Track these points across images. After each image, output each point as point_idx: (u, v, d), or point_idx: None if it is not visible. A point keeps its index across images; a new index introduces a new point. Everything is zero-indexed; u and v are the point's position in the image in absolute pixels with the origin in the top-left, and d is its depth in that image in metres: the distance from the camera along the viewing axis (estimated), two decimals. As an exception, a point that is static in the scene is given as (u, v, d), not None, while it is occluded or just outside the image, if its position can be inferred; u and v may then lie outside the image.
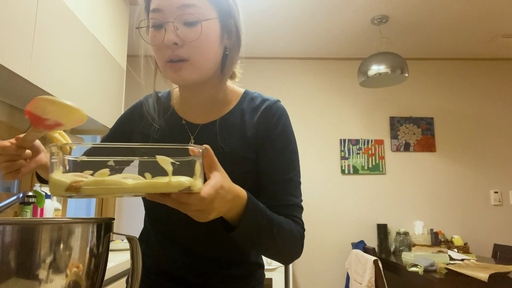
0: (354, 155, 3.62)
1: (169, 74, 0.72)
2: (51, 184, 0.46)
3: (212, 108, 0.80)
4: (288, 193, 0.75)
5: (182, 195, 0.49)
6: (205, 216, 0.53)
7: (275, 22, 3.09)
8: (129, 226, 3.37)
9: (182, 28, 0.69)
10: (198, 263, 0.76)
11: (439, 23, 3.09)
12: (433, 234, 3.27)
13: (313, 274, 3.45)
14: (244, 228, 0.62)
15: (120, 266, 1.63)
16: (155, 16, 0.70)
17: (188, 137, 0.78)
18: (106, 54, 2.10)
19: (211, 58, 0.73)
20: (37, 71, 1.42)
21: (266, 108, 0.79)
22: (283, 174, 0.75)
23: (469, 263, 2.27)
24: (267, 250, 0.69)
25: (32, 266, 0.44)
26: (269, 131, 0.77)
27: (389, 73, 2.88)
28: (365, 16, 2.98)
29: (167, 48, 0.69)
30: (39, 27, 1.43)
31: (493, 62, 3.83)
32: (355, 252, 2.81)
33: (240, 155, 0.75)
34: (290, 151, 0.77)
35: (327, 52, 3.68)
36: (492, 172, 3.63)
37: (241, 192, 0.61)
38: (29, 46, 1.38)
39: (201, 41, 0.70)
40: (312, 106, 3.72)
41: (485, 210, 3.57)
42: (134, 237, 0.55)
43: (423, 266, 2.19)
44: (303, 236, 0.75)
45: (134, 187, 0.46)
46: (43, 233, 0.45)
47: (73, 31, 1.72)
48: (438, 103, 3.75)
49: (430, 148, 3.65)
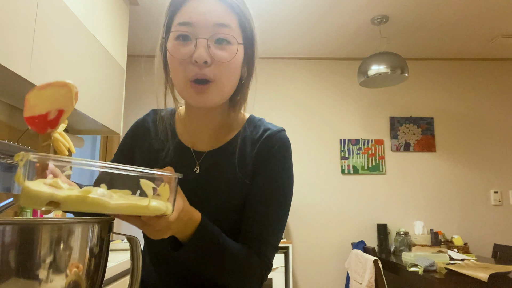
0: (354, 155, 3.62)
1: (190, 95, 0.67)
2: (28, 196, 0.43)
3: (217, 134, 0.77)
4: (264, 227, 0.71)
5: (152, 219, 0.51)
6: (161, 235, 0.55)
7: (274, 22, 3.09)
8: (129, 226, 3.35)
9: (214, 47, 0.65)
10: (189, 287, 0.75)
11: (439, 23, 3.09)
12: (433, 234, 3.27)
13: (313, 274, 3.45)
14: (189, 249, 0.62)
15: (120, 266, 1.63)
16: (184, 29, 0.66)
17: (194, 163, 0.76)
18: (106, 54, 2.10)
19: (234, 82, 0.70)
20: (37, 71, 1.42)
21: (266, 138, 0.75)
22: (266, 206, 0.72)
23: (469, 263, 2.27)
24: (214, 276, 0.68)
25: (32, 266, 0.44)
26: (263, 162, 0.74)
27: (389, 73, 2.88)
28: (365, 16, 2.98)
29: (193, 65, 0.65)
30: (39, 27, 1.43)
31: (493, 62, 3.83)
32: (355, 252, 2.81)
33: (238, 186, 0.73)
34: (279, 187, 0.73)
35: (327, 52, 3.68)
36: (492, 172, 3.63)
37: (196, 215, 0.62)
38: (29, 46, 1.38)
39: (231, 64, 0.67)
40: (312, 106, 3.72)
41: (485, 210, 3.57)
42: (134, 237, 0.55)
43: (423, 266, 2.19)
44: (263, 276, 0.71)
45: (116, 208, 0.47)
46: (43, 233, 0.45)
47: (73, 31, 1.71)
48: (438, 103, 3.75)
49: (430, 148, 3.65)
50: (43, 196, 0.43)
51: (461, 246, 3.13)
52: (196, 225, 0.62)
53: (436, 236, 3.26)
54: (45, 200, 0.43)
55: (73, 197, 0.44)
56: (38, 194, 0.43)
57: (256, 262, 0.69)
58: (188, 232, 0.62)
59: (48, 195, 0.43)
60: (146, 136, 0.82)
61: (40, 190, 0.43)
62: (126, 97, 2.44)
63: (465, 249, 3.10)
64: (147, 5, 2.80)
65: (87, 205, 0.45)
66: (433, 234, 3.27)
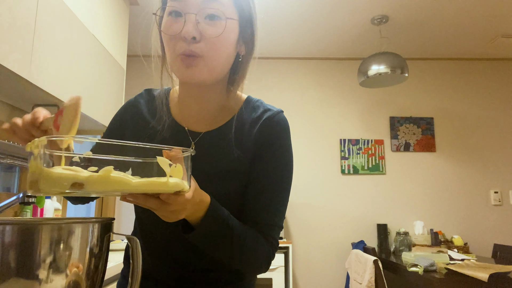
0: (354, 155, 3.62)
1: (178, 69, 0.67)
2: (50, 180, 0.43)
3: (213, 115, 0.77)
4: (270, 211, 0.73)
5: (171, 196, 0.51)
6: (175, 216, 0.56)
7: (274, 22, 3.09)
8: (129, 226, 3.36)
9: (204, 22, 0.65)
10: (186, 272, 0.75)
11: (439, 23, 3.09)
12: (433, 234, 3.27)
13: (313, 274, 3.45)
14: (200, 232, 0.63)
15: (120, 266, 1.63)
16: (175, 5, 0.66)
17: (189, 144, 0.75)
18: (106, 54, 2.10)
19: (225, 59, 0.69)
20: (37, 71, 1.42)
21: (267, 120, 0.75)
22: (269, 191, 0.73)
23: (469, 263, 2.27)
24: (225, 259, 0.69)
25: (32, 266, 0.44)
26: (266, 145, 0.74)
27: (389, 73, 2.88)
28: (365, 16, 2.98)
29: (182, 40, 0.65)
30: (39, 27, 1.43)
31: (493, 62, 3.83)
32: (355, 252, 2.81)
33: (236, 169, 0.73)
34: (283, 170, 0.75)
35: (327, 52, 3.68)
36: (492, 172, 3.63)
37: (206, 197, 0.63)
38: (29, 46, 1.38)
39: (221, 40, 0.66)
40: (312, 106, 3.72)
41: (485, 210, 3.57)
42: (134, 237, 0.55)
43: (423, 266, 2.19)
44: (270, 256, 0.73)
45: (137, 185, 0.47)
46: (43, 233, 0.45)
47: (73, 31, 1.71)
48: (438, 103, 3.75)
49: (430, 148, 3.65)
50: (66, 178, 0.43)
51: (461, 246, 3.14)
52: (206, 206, 0.63)
53: (436, 236, 3.26)
54: (69, 182, 0.43)
55: (95, 177, 0.44)
56: (61, 175, 0.43)
57: (263, 244, 0.71)
58: (199, 214, 0.62)
59: (72, 176, 0.43)
60: (138, 116, 0.80)
61: (63, 172, 0.43)
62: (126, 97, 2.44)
63: (465, 249, 3.10)
64: (147, 5, 2.80)
65: (110, 184, 0.45)
66: (433, 234, 3.27)
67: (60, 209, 1.97)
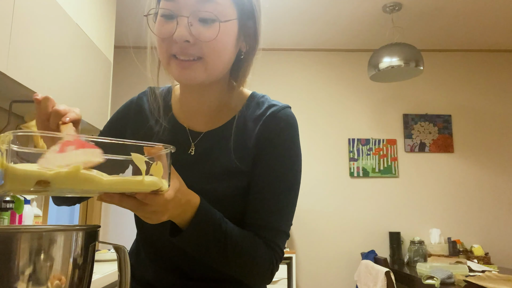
0: (364, 156, 3.62)
1: (173, 71, 0.70)
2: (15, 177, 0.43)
3: (215, 114, 0.79)
4: (273, 213, 0.73)
5: (148, 196, 0.52)
6: (157, 218, 0.57)
7: (277, 10, 3.09)
8: (116, 235, 3.37)
9: (197, 25, 0.67)
10: (188, 281, 0.77)
11: (457, 10, 3.09)
12: (450, 243, 3.28)
13: (319, 287, 3.45)
14: (188, 235, 0.64)
15: (107, 278, 1.63)
16: (167, 6, 0.68)
17: (189, 144, 0.78)
18: (92, 45, 2.10)
19: (225, 60, 0.71)
20: (15, 64, 1.42)
21: (270, 116, 0.76)
22: (272, 192, 0.73)
23: (490, 275, 2.27)
24: (219, 265, 0.69)
25: (10, 279, 0.44)
26: (269, 142, 0.75)
27: (403, 66, 2.88)
28: (376, 3, 2.98)
29: (174, 43, 0.67)
30: (17, 15, 1.43)
31: (516, 54, 3.84)
32: (365, 262, 2.81)
33: (238, 169, 0.74)
34: (287, 169, 0.75)
35: (334, 43, 3.68)
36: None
37: (194, 198, 0.64)
38: (7, 36, 1.37)
39: (217, 42, 0.68)
40: (318, 102, 3.72)
41: (508, 216, 3.57)
42: (121, 246, 0.55)
43: (440, 278, 2.19)
44: (274, 264, 0.72)
45: (109, 183, 0.47)
46: (22, 242, 0.45)
47: (54, 20, 1.71)
48: (456, 99, 3.75)
49: (448, 148, 3.65)
50: (31, 175, 0.43)
51: (482, 257, 3.14)
52: (195, 208, 0.63)
53: (454, 245, 3.26)
54: (34, 179, 0.43)
55: (63, 174, 0.44)
56: (26, 173, 0.43)
57: (264, 251, 0.70)
58: (186, 216, 0.63)
59: (37, 173, 0.43)
60: (140, 114, 0.84)
61: (28, 169, 0.44)
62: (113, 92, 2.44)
63: (486, 260, 3.10)
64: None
65: (79, 182, 0.45)
66: (451, 243, 3.27)
67: (41, 215, 1.97)
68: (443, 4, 3.00)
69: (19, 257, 0.45)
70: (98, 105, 2.16)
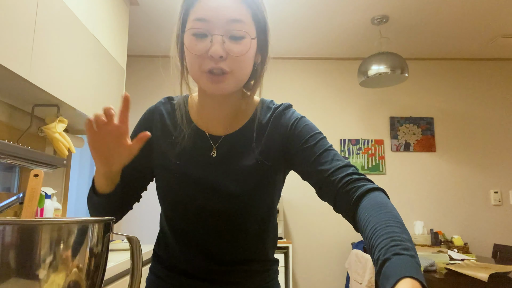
0: (354, 155, 3.62)
1: (206, 84, 0.72)
2: None
3: (231, 119, 0.81)
4: (332, 159, 0.73)
5: None
6: None
7: (274, 21, 3.09)
8: (129, 226, 3.36)
9: (228, 42, 0.70)
10: (220, 265, 0.79)
11: (439, 23, 3.09)
12: (433, 234, 3.27)
13: (313, 274, 3.45)
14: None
15: (120, 266, 1.63)
16: (199, 26, 0.70)
17: (211, 147, 0.79)
18: (106, 54, 2.10)
19: (248, 72, 0.75)
20: (37, 71, 1.42)
21: (276, 110, 0.82)
22: (319, 149, 0.75)
23: (469, 263, 2.27)
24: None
25: (32, 266, 0.44)
26: (290, 130, 0.79)
27: (389, 73, 2.88)
28: (365, 16, 2.98)
29: (209, 59, 0.70)
30: (39, 27, 1.43)
31: (493, 62, 3.83)
32: (355, 252, 2.81)
33: (262, 165, 0.77)
34: (318, 133, 0.78)
35: (327, 52, 3.68)
36: (492, 172, 3.63)
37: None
38: (29, 46, 1.38)
39: (245, 56, 0.72)
40: (312, 106, 3.72)
41: (485, 210, 3.57)
42: (134, 237, 0.55)
43: (423, 266, 2.19)
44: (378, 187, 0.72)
45: None
46: (43, 233, 0.45)
47: (73, 31, 1.72)
48: (438, 103, 3.75)
49: (430, 148, 3.65)
50: None
51: (461, 246, 3.14)
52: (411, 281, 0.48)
53: (436, 236, 3.26)
54: None
55: None
56: None
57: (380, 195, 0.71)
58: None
59: None
60: (161, 123, 0.83)
61: None
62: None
63: (465, 249, 3.10)
64: (147, 5, 2.80)
65: None
66: (433, 234, 3.27)
67: (60, 209, 1.97)
68: (427, 18, 3.00)
69: (41, 246, 0.45)
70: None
